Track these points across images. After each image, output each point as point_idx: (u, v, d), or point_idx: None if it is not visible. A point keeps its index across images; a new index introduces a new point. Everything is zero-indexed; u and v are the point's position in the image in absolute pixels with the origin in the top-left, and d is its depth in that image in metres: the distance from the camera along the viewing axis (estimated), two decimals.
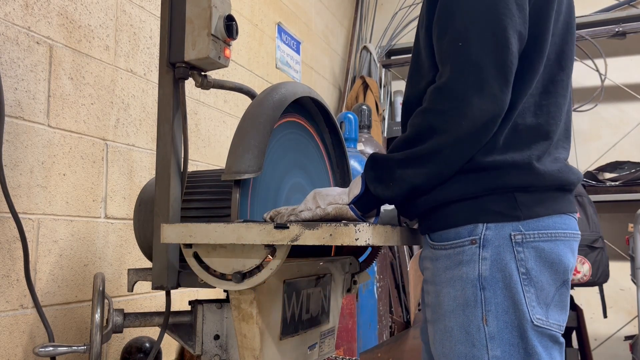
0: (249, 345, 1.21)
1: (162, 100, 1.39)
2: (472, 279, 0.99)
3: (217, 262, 1.13)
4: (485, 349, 0.98)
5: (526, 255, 0.98)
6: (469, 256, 1.00)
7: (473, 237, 0.99)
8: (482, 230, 0.99)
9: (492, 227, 0.99)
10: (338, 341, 2.67)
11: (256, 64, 3.06)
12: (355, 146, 3.03)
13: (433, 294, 1.06)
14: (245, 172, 1.22)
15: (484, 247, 0.99)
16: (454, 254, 1.02)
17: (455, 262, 1.01)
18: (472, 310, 0.99)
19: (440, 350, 1.04)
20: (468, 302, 0.99)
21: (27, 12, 1.69)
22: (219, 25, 1.34)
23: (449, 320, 1.01)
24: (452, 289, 1.01)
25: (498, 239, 0.99)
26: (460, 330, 1.00)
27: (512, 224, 0.99)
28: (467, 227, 1.00)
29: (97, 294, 1.31)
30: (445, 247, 1.03)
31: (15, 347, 1.62)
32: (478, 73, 0.94)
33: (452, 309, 1.01)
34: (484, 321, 0.98)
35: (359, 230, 0.95)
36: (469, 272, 0.99)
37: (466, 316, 0.99)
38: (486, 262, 0.98)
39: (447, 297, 1.02)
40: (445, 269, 1.03)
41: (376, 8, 4.70)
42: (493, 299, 0.98)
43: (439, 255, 1.05)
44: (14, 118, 1.64)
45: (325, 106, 1.62)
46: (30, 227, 1.68)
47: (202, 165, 2.52)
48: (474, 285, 0.99)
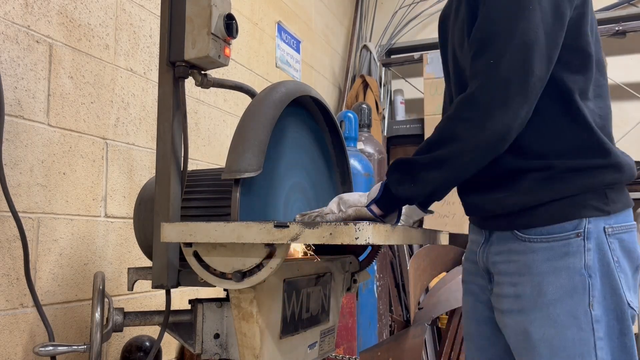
0: (249, 344, 1.21)
1: (162, 99, 1.39)
2: (578, 268, 1.09)
3: (217, 261, 1.13)
4: (592, 331, 1.08)
5: (615, 246, 1.11)
6: (575, 247, 1.10)
7: (578, 231, 1.11)
8: (585, 224, 1.11)
9: (592, 221, 1.11)
10: (338, 340, 2.68)
11: (256, 63, 3.06)
12: (355, 145, 3.03)
13: (527, 284, 1.14)
14: (246, 171, 1.22)
15: (587, 239, 1.10)
16: (557, 246, 1.12)
17: (559, 253, 1.11)
18: (580, 297, 1.09)
19: (540, 336, 1.11)
20: (576, 289, 1.09)
21: (26, 11, 1.69)
22: (219, 24, 1.34)
23: (554, 307, 1.10)
24: (557, 278, 1.10)
25: (597, 231, 1.11)
26: (567, 316, 1.09)
27: (603, 219, 1.12)
28: (573, 222, 1.11)
29: (97, 293, 1.31)
30: (548, 240, 1.12)
31: (15, 346, 1.62)
32: (504, 89, 1.05)
33: (558, 296, 1.10)
34: (590, 306, 1.08)
35: (358, 229, 0.95)
36: (576, 262, 1.10)
37: (574, 302, 1.09)
38: (590, 252, 1.10)
39: (552, 286, 1.11)
40: (546, 259, 1.12)
41: (376, 7, 4.70)
42: (597, 285, 1.09)
43: (536, 248, 1.14)
44: (14, 117, 1.63)
45: (325, 105, 1.62)
46: (30, 226, 1.68)
47: (202, 164, 2.52)
48: (582, 274, 1.09)
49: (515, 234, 1.17)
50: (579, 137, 1.13)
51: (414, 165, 1.12)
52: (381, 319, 3.13)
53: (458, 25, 1.24)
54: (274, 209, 1.42)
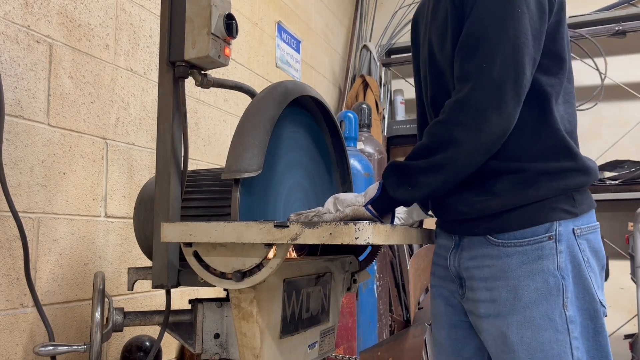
0: (249, 344, 1.21)
1: (162, 99, 1.39)
2: (552, 270, 1.11)
3: (217, 260, 1.13)
4: (567, 332, 1.10)
5: (584, 247, 1.14)
6: (547, 250, 1.12)
7: (550, 234, 1.12)
8: (556, 227, 1.13)
9: (562, 223, 1.13)
10: (338, 340, 2.68)
11: (256, 63, 3.06)
12: (355, 145, 3.03)
13: (503, 288, 1.15)
14: (246, 171, 1.22)
15: (559, 242, 1.12)
16: (531, 250, 1.13)
17: (533, 257, 1.13)
18: (554, 299, 1.11)
19: (518, 339, 1.13)
20: (551, 291, 1.11)
21: (26, 11, 1.69)
22: (219, 24, 1.34)
23: (531, 310, 1.11)
24: (532, 281, 1.12)
25: (567, 233, 1.13)
26: (543, 318, 1.11)
27: (572, 221, 1.14)
28: (544, 225, 1.13)
29: (97, 293, 1.31)
30: (521, 244, 1.14)
31: (15, 346, 1.62)
32: (498, 91, 1.06)
33: (534, 299, 1.11)
34: (564, 307, 1.10)
35: (358, 229, 0.95)
36: (549, 264, 1.12)
37: (549, 304, 1.11)
38: (562, 254, 1.12)
39: (527, 290, 1.12)
40: (521, 264, 1.13)
41: (376, 7, 4.70)
42: (570, 287, 1.11)
43: (511, 252, 1.15)
44: (14, 117, 1.64)
45: (325, 105, 1.62)
46: (30, 226, 1.68)
47: (202, 164, 2.52)
48: (555, 276, 1.11)
49: (489, 238, 1.18)
50: (551, 140, 1.15)
51: (411, 170, 1.12)
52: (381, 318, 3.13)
53: (436, 25, 1.24)
54: (274, 209, 1.42)
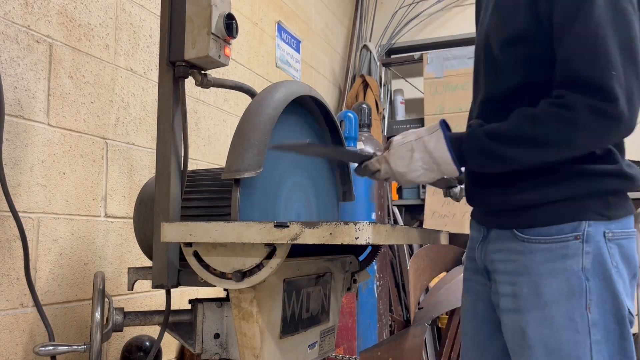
0: (249, 344, 1.21)
1: (162, 99, 1.39)
2: (576, 270, 1.09)
3: (217, 260, 1.13)
4: (588, 334, 1.08)
5: (614, 251, 1.11)
6: (573, 250, 1.10)
7: (577, 233, 1.10)
8: (585, 228, 1.10)
9: (592, 224, 1.10)
10: (338, 340, 2.68)
11: (256, 63, 3.06)
12: (355, 145, 3.03)
13: (524, 284, 1.14)
14: (246, 171, 1.22)
15: (586, 242, 1.10)
16: (556, 247, 1.11)
17: (557, 255, 1.11)
18: (577, 299, 1.09)
19: (536, 336, 1.12)
20: (573, 291, 1.09)
21: (26, 11, 1.69)
22: (219, 24, 1.34)
23: (551, 308, 1.10)
24: (554, 280, 1.10)
25: (596, 235, 1.10)
26: (563, 318, 1.09)
27: (604, 223, 1.11)
28: (572, 224, 1.11)
29: (97, 293, 1.31)
30: (546, 241, 1.12)
31: (15, 346, 1.62)
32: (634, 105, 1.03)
33: (555, 298, 1.10)
34: (587, 309, 1.08)
35: (358, 229, 0.95)
36: (573, 264, 1.09)
37: (571, 305, 1.09)
38: (589, 256, 1.09)
39: (549, 288, 1.11)
40: (544, 261, 1.12)
41: (376, 7, 4.70)
42: (595, 289, 1.08)
43: (535, 249, 1.13)
44: (14, 117, 1.63)
45: (326, 105, 1.62)
46: (30, 225, 1.68)
47: (202, 164, 2.52)
48: (579, 277, 1.09)
49: (515, 233, 1.17)
50: None
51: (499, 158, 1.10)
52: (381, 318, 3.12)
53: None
54: (274, 209, 1.42)
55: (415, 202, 4.12)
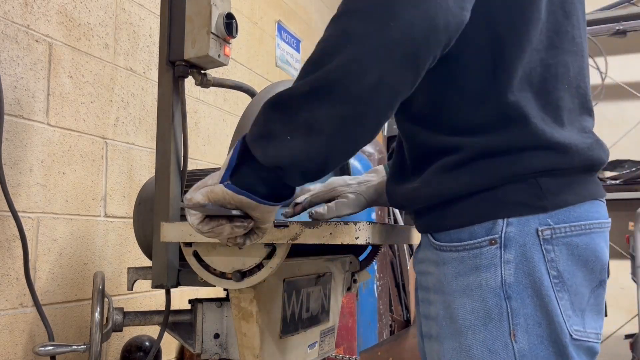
0: (249, 344, 1.21)
1: (162, 99, 1.39)
2: (493, 287, 0.82)
3: (217, 260, 1.12)
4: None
5: (557, 255, 0.82)
6: (488, 259, 0.83)
7: (492, 237, 0.82)
8: (503, 227, 0.82)
9: (514, 222, 0.82)
10: (338, 340, 2.67)
11: (256, 63, 3.05)
12: None
13: (440, 304, 0.89)
14: None
15: (505, 248, 0.82)
16: (468, 257, 0.84)
17: (470, 267, 0.84)
18: (496, 325, 0.82)
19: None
20: (491, 314, 0.83)
21: (26, 10, 1.69)
22: (219, 24, 1.34)
23: (466, 337, 0.84)
24: (468, 300, 0.84)
25: (522, 236, 0.82)
26: (482, 349, 0.83)
27: (538, 217, 0.82)
28: (484, 225, 0.83)
29: (96, 293, 1.31)
30: (457, 248, 0.86)
31: (15, 346, 1.62)
32: None
33: (470, 323, 0.84)
34: (512, 337, 0.82)
35: (358, 229, 0.95)
36: (489, 278, 0.82)
37: (489, 332, 0.83)
38: (510, 265, 0.82)
39: (462, 310, 0.85)
40: (456, 275, 0.86)
41: None
42: (522, 309, 0.81)
43: (447, 259, 0.87)
44: (14, 116, 1.63)
45: None
46: (29, 225, 1.68)
47: (201, 164, 2.52)
48: (497, 295, 0.82)
49: (429, 238, 0.91)
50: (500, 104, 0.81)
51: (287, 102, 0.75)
52: (381, 318, 3.12)
53: None
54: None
55: None
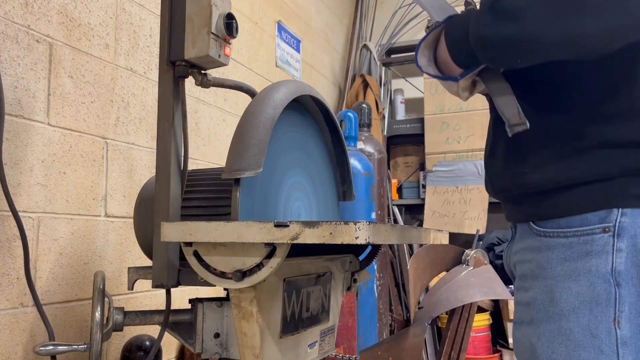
0: (249, 344, 1.21)
1: (162, 99, 1.39)
2: (603, 273, 0.84)
3: (217, 260, 1.13)
4: (615, 355, 0.84)
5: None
6: (600, 246, 0.85)
7: (606, 225, 0.85)
8: (617, 217, 0.85)
9: (628, 213, 0.84)
10: (338, 339, 2.68)
11: (256, 63, 3.06)
12: (355, 145, 3.03)
13: (539, 289, 0.91)
14: (246, 171, 1.22)
15: (619, 236, 0.84)
16: (578, 243, 0.87)
17: (579, 253, 0.87)
18: (602, 310, 0.84)
19: (547, 355, 0.89)
20: (598, 299, 0.85)
21: (26, 10, 1.69)
22: (219, 24, 1.34)
23: (568, 320, 0.87)
24: (574, 284, 0.87)
25: (635, 227, 0.84)
26: (583, 333, 0.85)
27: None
28: (599, 213, 0.86)
29: (97, 292, 1.31)
30: (566, 234, 0.88)
31: (15, 346, 1.62)
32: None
33: (574, 307, 0.86)
34: (616, 323, 0.84)
35: (358, 228, 0.95)
36: (600, 264, 0.85)
37: (594, 316, 0.85)
38: (622, 253, 0.84)
39: (567, 293, 0.87)
40: (563, 260, 0.88)
41: (376, 6, 4.70)
42: (627, 297, 0.84)
43: (552, 245, 0.89)
44: (14, 116, 1.63)
45: (326, 105, 1.62)
46: (30, 225, 1.68)
47: (202, 164, 2.52)
48: (607, 281, 0.84)
49: (531, 226, 0.93)
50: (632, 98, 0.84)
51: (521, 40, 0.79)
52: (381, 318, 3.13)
53: None
54: (274, 209, 1.42)
55: (415, 202, 4.12)
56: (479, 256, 2.80)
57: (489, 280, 2.73)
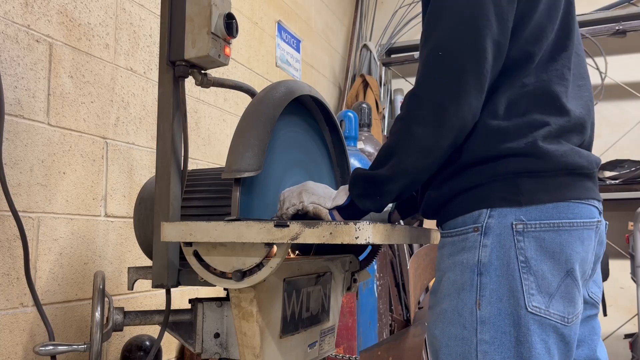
0: (249, 344, 1.21)
1: (162, 99, 1.39)
2: (471, 264, 1.02)
3: (217, 260, 1.13)
4: (474, 331, 1.01)
5: (526, 245, 1.00)
6: (471, 243, 1.03)
7: (476, 225, 1.03)
8: (485, 218, 1.02)
9: (495, 215, 1.02)
10: (338, 339, 2.68)
11: (256, 62, 3.06)
12: (355, 144, 3.03)
13: (436, 279, 1.11)
14: (246, 171, 1.22)
15: (485, 235, 1.02)
16: (458, 241, 1.06)
17: (458, 249, 1.05)
18: (467, 294, 1.02)
19: (433, 331, 1.08)
20: (464, 286, 1.03)
21: (26, 10, 1.69)
22: (219, 24, 1.34)
23: (445, 303, 1.06)
24: (452, 274, 1.06)
25: (500, 227, 1.01)
26: (453, 313, 1.04)
27: (514, 214, 1.00)
28: (472, 215, 1.04)
29: (97, 292, 1.31)
30: (451, 234, 1.08)
31: (15, 346, 1.62)
32: (457, 82, 0.98)
33: (449, 292, 1.05)
34: (477, 305, 1.01)
35: (359, 228, 0.95)
36: (469, 258, 1.03)
37: (461, 299, 1.03)
38: (486, 249, 1.01)
39: (447, 282, 1.06)
40: (449, 255, 1.07)
41: (376, 6, 4.70)
42: (489, 284, 1.01)
43: (445, 243, 1.10)
44: (14, 116, 1.63)
45: (326, 104, 1.62)
46: (30, 225, 1.68)
47: (202, 164, 2.52)
48: (472, 271, 1.02)
49: (439, 229, 1.15)
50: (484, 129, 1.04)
51: (377, 180, 1.06)
52: (381, 318, 3.13)
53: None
54: (274, 209, 1.42)
55: None
56: None
57: None
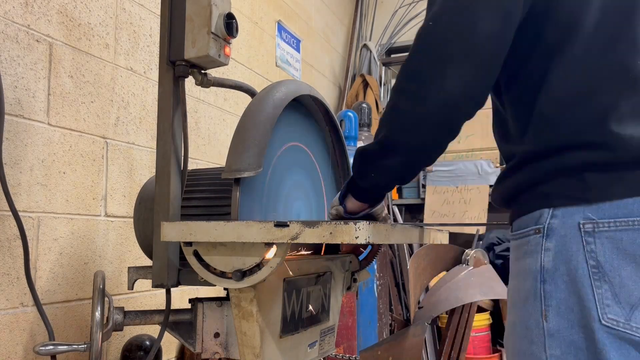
0: (249, 343, 1.21)
1: (162, 99, 1.39)
2: (533, 270, 0.92)
3: (217, 260, 1.13)
4: (543, 346, 0.90)
5: (597, 247, 0.87)
6: (532, 247, 0.92)
7: (537, 226, 0.91)
8: (547, 218, 0.90)
9: (558, 214, 0.89)
10: (338, 339, 2.68)
11: (256, 62, 3.06)
12: (355, 144, 3.03)
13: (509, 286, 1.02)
14: (246, 170, 1.22)
15: (547, 237, 0.90)
16: (521, 244, 0.95)
17: (521, 253, 0.95)
18: (532, 304, 0.92)
19: (506, 345, 0.99)
20: (528, 295, 0.92)
21: (26, 10, 1.69)
22: (219, 23, 1.34)
23: (513, 314, 0.97)
24: (517, 281, 0.96)
25: (564, 227, 0.89)
26: (521, 325, 0.94)
27: (582, 212, 0.87)
28: (533, 215, 0.93)
29: (97, 292, 1.31)
30: (515, 237, 0.98)
31: (15, 345, 1.62)
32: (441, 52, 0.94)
33: (515, 302, 0.96)
34: (543, 317, 0.90)
35: (358, 228, 0.95)
36: (532, 263, 0.92)
37: (526, 310, 0.93)
38: (549, 253, 0.90)
39: (514, 290, 0.97)
40: (514, 260, 0.98)
41: (376, 6, 4.70)
42: (555, 293, 0.89)
43: (512, 247, 1.00)
44: (14, 116, 1.63)
45: (326, 104, 1.62)
46: (30, 225, 1.68)
47: (202, 164, 2.52)
48: (535, 278, 0.91)
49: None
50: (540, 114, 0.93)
51: (367, 155, 1.01)
52: (381, 318, 3.13)
53: None
54: (274, 209, 1.42)
55: (415, 202, 4.12)
56: (479, 256, 2.80)
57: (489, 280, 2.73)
